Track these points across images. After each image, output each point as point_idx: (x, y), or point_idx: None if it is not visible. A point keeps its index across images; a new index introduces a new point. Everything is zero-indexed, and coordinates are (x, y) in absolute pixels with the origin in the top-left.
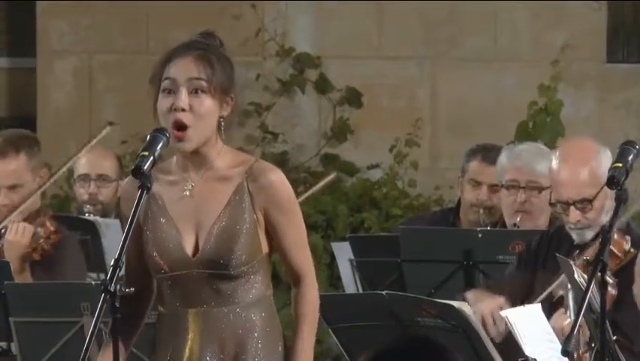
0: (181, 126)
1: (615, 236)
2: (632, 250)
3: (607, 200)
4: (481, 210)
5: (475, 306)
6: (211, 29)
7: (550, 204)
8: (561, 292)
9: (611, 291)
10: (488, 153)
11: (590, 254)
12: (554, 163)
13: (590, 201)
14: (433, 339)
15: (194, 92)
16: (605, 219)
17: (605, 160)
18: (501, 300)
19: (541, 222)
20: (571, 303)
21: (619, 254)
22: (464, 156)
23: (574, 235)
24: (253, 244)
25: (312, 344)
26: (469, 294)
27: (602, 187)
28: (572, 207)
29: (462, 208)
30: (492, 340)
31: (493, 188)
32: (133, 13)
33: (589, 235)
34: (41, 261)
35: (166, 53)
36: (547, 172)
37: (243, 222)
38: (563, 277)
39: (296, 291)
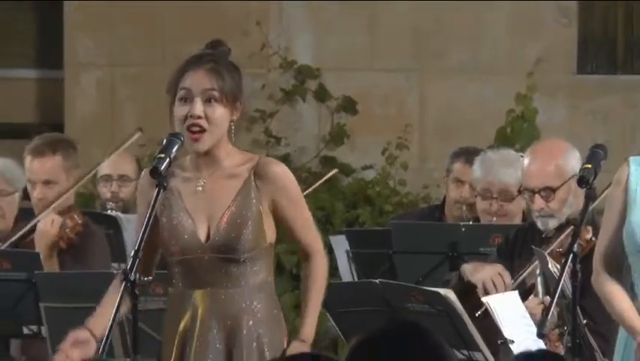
0: (198, 130)
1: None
2: (593, 238)
3: (570, 195)
4: (464, 207)
5: (475, 276)
6: (220, 39)
7: (519, 191)
8: (533, 281)
9: None
10: (470, 155)
11: (556, 245)
12: (526, 158)
13: (553, 190)
14: (420, 323)
15: (208, 101)
16: (568, 212)
17: (572, 159)
18: (499, 266)
19: (516, 222)
20: (540, 288)
21: (582, 243)
22: (449, 157)
23: (539, 223)
24: (258, 233)
25: (317, 312)
26: (467, 266)
27: (567, 180)
28: (537, 195)
29: (447, 205)
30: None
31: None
32: (150, 29)
33: (552, 224)
34: (68, 250)
35: (181, 65)
36: (517, 181)
37: (250, 213)
38: (532, 266)
39: (306, 266)
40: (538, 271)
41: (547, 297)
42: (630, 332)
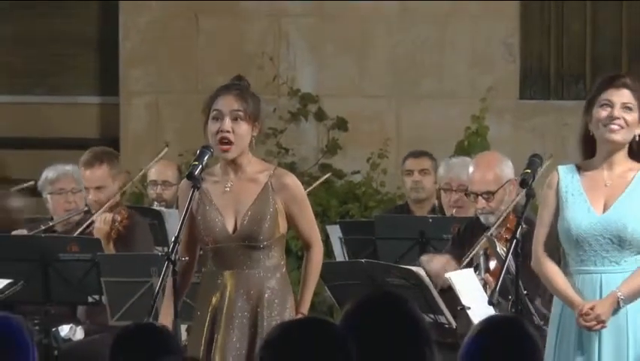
0: (227, 143)
1: (510, 217)
2: (522, 225)
3: (505, 195)
4: (419, 189)
5: (429, 264)
6: (241, 74)
7: (465, 194)
8: (477, 262)
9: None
10: (415, 153)
11: (494, 229)
12: (471, 167)
13: (492, 193)
14: (397, 293)
15: (235, 119)
16: (503, 208)
17: (506, 168)
18: (447, 256)
19: (471, 212)
20: (482, 266)
21: (511, 227)
22: (402, 160)
23: (481, 218)
24: (274, 225)
25: (312, 291)
26: (423, 257)
27: (503, 185)
28: (480, 197)
29: (408, 196)
30: (440, 291)
31: (423, 171)
32: (187, 64)
33: (492, 219)
34: (119, 238)
35: (213, 92)
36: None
37: (268, 210)
38: (477, 249)
39: (307, 254)
40: (481, 252)
41: (487, 274)
42: (569, 304)
